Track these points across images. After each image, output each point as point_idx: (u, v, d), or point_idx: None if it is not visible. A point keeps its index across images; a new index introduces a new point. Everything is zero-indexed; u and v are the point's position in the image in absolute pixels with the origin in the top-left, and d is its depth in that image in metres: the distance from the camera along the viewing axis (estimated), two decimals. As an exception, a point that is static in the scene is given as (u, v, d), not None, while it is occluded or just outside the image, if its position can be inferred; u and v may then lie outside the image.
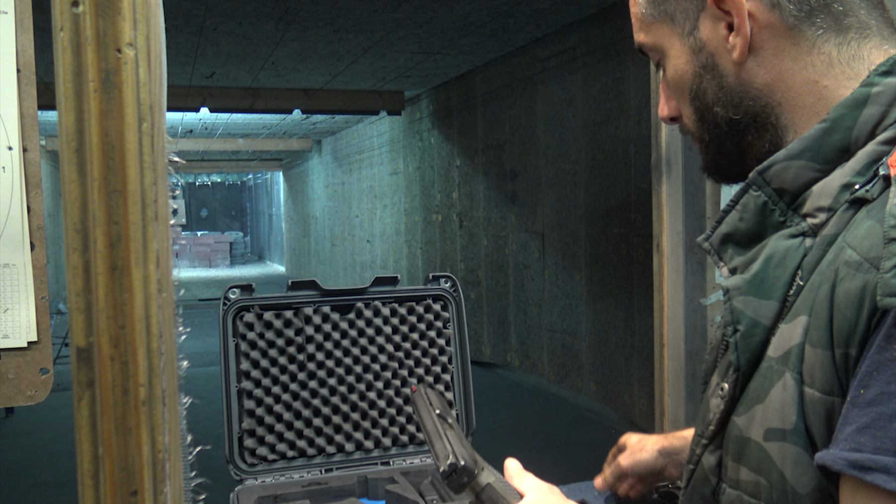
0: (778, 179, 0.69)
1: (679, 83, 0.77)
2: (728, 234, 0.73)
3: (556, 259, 5.27)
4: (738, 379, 0.69)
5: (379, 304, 1.49)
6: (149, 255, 0.46)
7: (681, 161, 2.02)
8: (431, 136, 7.40)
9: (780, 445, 0.64)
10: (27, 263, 1.31)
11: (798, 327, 0.64)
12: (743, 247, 0.72)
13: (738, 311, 0.69)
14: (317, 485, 1.36)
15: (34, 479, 4.21)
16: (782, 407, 0.64)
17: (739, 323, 0.68)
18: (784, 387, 0.64)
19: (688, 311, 2.05)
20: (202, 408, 2.75)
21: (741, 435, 0.68)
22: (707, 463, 0.72)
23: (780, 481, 0.64)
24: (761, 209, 0.70)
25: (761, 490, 0.65)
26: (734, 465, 0.69)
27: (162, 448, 0.48)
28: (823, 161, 0.68)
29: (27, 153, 1.32)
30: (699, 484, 0.73)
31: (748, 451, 0.67)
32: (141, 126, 0.45)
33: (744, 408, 0.68)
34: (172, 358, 0.53)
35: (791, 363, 0.64)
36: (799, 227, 0.68)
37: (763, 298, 0.68)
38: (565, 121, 5.06)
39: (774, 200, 0.70)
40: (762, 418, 0.66)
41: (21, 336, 1.30)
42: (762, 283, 0.68)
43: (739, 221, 0.72)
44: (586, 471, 1.77)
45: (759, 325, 0.68)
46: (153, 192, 0.46)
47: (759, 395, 0.66)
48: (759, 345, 0.68)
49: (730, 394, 0.70)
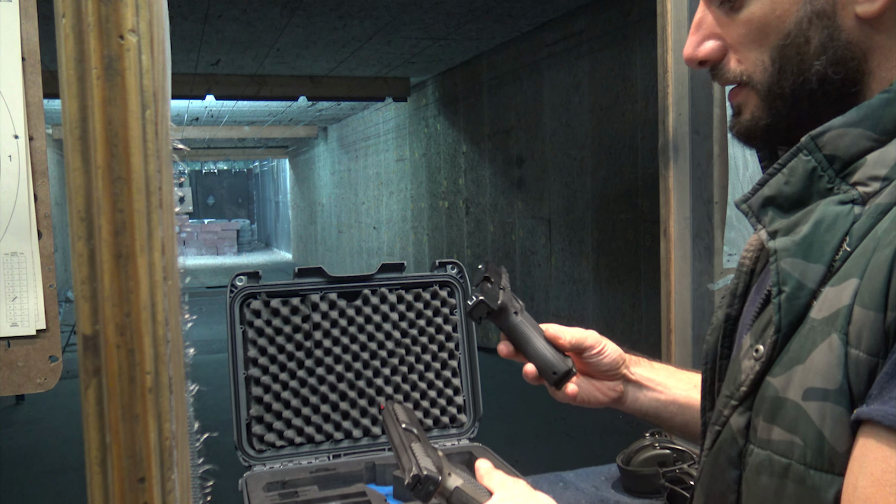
0: (831, 146, 0.69)
1: (769, 24, 0.72)
2: (771, 197, 0.73)
3: (562, 245, 5.27)
4: (778, 340, 0.69)
5: (385, 291, 1.49)
6: (154, 242, 0.46)
7: (688, 146, 2.01)
8: (437, 122, 7.37)
9: (820, 405, 0.64)
10: (35, 252, 1.32)
11: (848, 289, 0.64)
12: (785, 211, 0.72)
13: (784, 272, 0.69)
14: (325, 471, 1.37)
15: (45, 466, 4.25)
16: (827, 367, 0.64)
17: (785, 284, 0.69)
18: (830, 347, 0.64)
19: (695, 297, 2.05)
20: (210, 395, 2.77)
21: (777, 395, 0.68)
22: (735, 424, 0.72)
23: (817, 440, 0.64)
24: (809, 174, 0.70)
25: (794, 449, 0.66)
26: (766, 425, 0.69)
27: (169, 435, 0.48)
28: (882, 131, 0.68)
29: (33, 141, 1.32)
30: (726, 445, 0.73)
31: (784, 411, 0.67)
32: (144, 113, 0.44)
33: (781, 368, 0.68)
34: (179, 345, 0.53)
35: (838, 324, 0.64)
36: (848, 194, 0.69)
37: (811, 261, 0.68)
38: (572, 106, 5.03)
39: (824, 167, 0.70)
40: (802, 379, 0.66)
41: (30, 324, 1.31)
42: (811, 246, 0.69)
43: (785, 185, 0.72)
44: (593, 457, 1.78)
45: (804, 287, 0.68)
46: (157, 179, 0.46)
47: (800, 356, 0.67)
48: (802, 307, 0.68)
49: (767, 355, 0.70)
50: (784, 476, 0.66)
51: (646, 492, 1.47)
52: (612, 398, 1.10)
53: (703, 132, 1.99)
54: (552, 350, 1.06)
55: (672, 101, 1.99)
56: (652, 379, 1.11)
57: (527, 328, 1.07)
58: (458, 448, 1.46)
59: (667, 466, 1.47)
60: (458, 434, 1.50)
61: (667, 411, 1.09)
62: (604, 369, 1.09)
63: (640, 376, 1.10)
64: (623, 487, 1.51)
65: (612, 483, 1.54)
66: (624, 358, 1.10)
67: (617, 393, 1.09)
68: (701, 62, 0.78)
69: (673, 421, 1.09)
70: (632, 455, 1.53)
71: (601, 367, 1.08)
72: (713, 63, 0.77)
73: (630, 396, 1.10)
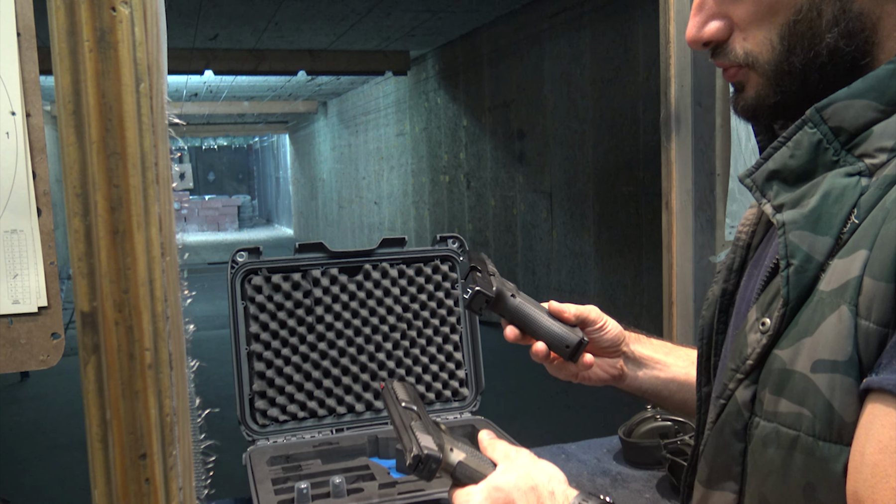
0: (837, 118, 0.69)
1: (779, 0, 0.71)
2: (776, 170, 0.72)
3: (564, 219, 5.25)
4: (786, 313, 0.69)
5: (387, 266, 1.49)
6: (150, 218, 0.46)
7: (690, 118, 1.99)
8: (437, 96, 7.33)
9: (829, 377, 0.64)
10: (35, 229, 1.31)
11: (857, 261, 0.64)
12: (790, 184, 0.72)
13: (793, 245, 0.69)
14: (328, 444, 1.38)
15: (50, 442, 4.28)
16: (836, 339, 0.64)
17: (794, 257, 0.68)
18: (839, 319, 0.64)
19: (697, 269, 2.05)
20: (214, 370, 2.79)
21: (784, 368, 0.68)
22: (741, 397, 0.72)
23: (826, 412, 0.64)
24: (815, 147, 0.70)
25: (803, 421, 0.66)
26: (773, 398, 0.69)
27: (170, 411, 0.48)
28: (888, 102, 0.67)
29: (30, 118, 1.31)
30: (731, 418, 0.74)
31: (791, 383, 0.67)
32: (139, 87, 0.44)
33: (788, 341, 0.68)
34: (178, 322, 0.52)
35: (847, 296, 0.64)
36: (855, 166, 0.68)
37: (819, 234, 0.68)
38: (573, 79, 5.00)
39: (829, 139, 0.69)
40: (810, 351, 0.66)
41: (31, 301, 1.30)
42: (819, 218, 0.68)
43: (790, 158, 0.71)
44: (595, 429, 1.79)
45: (812, 259, 0.68)
46: (153, 154, 0.46)
47: (808, 329, 0.67)
48: (810, 280, 0.68)
49: (774, 328, 0.70)
50: (792, 448, 0.67)
51: (647, 463, 1.48)
52: (612, 375, 1.09)
53: (705, 104, 1.97)
54: (560, 324, 1.06)
55: (674, 73, 1.97)
56: (651, 357, 1.10)
57: (529, 308, 1.07)
58: (460, 421, 1.46)
59: (668, 438, 1.48)
60: (460, 408, 1.51)
61: (666, 389, 1.09)
62: (605, 345, 1.08)
63: (640, 353, 1.10)
64: (625, 459, 1.52)
65: (613, 455, 1.55)
66: (624, 335, 1.10)
67: (617, 370, 1.09)
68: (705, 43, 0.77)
69: (672, 399, 1.09)
70: (633, 427, 1.53)
71: (603, 342, 1.08)
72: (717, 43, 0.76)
73: (630, 374, 1.10)
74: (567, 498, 0.78)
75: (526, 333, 1.07)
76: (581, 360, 1.05)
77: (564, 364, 1.08)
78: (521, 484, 0.81)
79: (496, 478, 0.83)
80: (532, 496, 0.80)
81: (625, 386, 1.11)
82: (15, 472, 3.87)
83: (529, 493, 0.80)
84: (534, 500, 0.80)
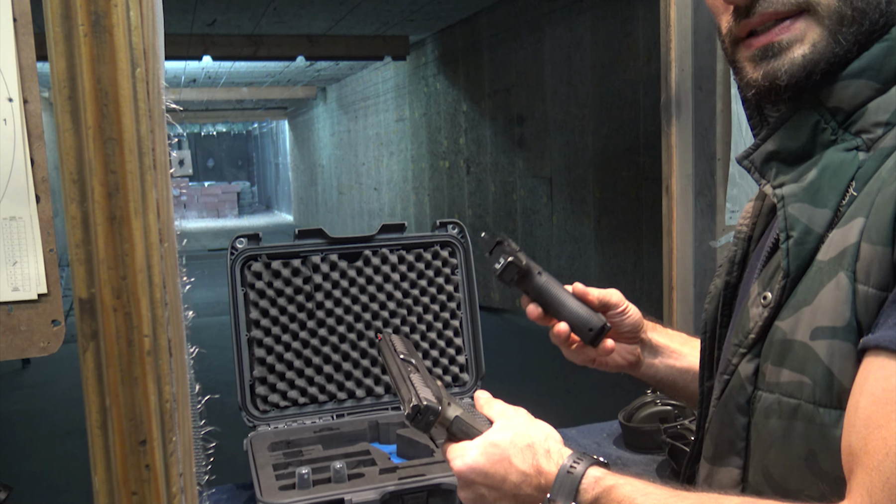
0: (835, 98, 0.69)
1: None
2: (774, 151, 0.73)
3: (564, 204, 5.25)
4: (787, 285, 0.69)
5: (386, 252, 1.49)
6: (148, 204, 0.45)
7: (691, 102, 1.99)
8: (437, 81, 7.30)
9: (828, 343, 0.65)
10: (34, 216, 1.31)
11: (854, 229, 0.65)
12: (789, 164, 0.72)
13: (792, 217, 0.69)
14: (329, 430, 1.38)
15: (52, 429, 4.30)
16: (835, 305, 0.65)
17: (793, 229, 0.69)
18: (837, 286, 0.65)
19: (697, 255, 2.04)
20: (215, 356, 2.78)
21: (785, 338, 0.69)
22: (744, 371, 0.73)
23: (825, 377, 0.65)
24: (813, 128, 0.71)
25: (803, 389, 0.67)
26: (774, 368, 0.70)
27: (169, 398, 0.48)
28: (884, 80, 0.68)
29: (28, 104, 1.30)
30: (734, 393, 0.74)
31: (792, 352, 0.68)
32: (134, 71, 0.43)
33: (788, 311, 0.69)
34: (177, 308, 0.52)
35: (846, 263, 0.65)
36: (852, 142, 0.69)
37: (817, 206, 0.69)
38: (573, 63, 4.97)
39: (827, 119, 0.70)
40: (810, 319, 0.67)
41: (31, 288, 1.30)
42: (818, 191, 0.69)
43: (789, 140, 0.72)
44: (595, 414, 1.79)
45: (811, 232, 0.68)
46: (150, 140, 0.45)
47: (807, 298, 0.67)
48: (810, 252, 0.68)
49: (775, 300, 0.70)
50: (793, 416, 0.67)
51: (647, 447, 1.49)
52: (629, 362, 1.08)
53: (706, 88, 1.96)
54: (584, 307, 1.04)
55: (675, 57, 1.96)
56: (668, 345, 1.09)
57: (555, 286, 1.05)
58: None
59: (668, 422, 1.48)
60: (460, 393, 1.51)
61: (682, 379, 1.08)
62: (625, 330, 1.07)
63: (657, 342, 1.09)
64: (625, 443, 1.53)
65: (613, 439, 1.56)
66: (644, 321, 1.09)
67: (634, 357, 1.08)
68: None
69: (686, 389, 1.08)
70: (633, 412, 1.54)
71: (623, 327, 1.06)
72: None
73: (646, 362, 1.08)
74: (562, 456, 0.78)
75: (548, 313, 1.05)
76: (602, 345, 1.04)
77: (583, 348, 1.06)
78: (518, 441, 0.81)
79: (493, 434, 0.83)
80: (528, 453, 0.80)
81: (640, 374, 1.09)
82: (17, 459, 3.89)
83: (526, 451, 0.80)
84: (530, 457, 0.80)
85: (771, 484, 0.70)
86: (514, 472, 0.80)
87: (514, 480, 0.79)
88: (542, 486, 0.78)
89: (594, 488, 0.74)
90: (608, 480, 0.74)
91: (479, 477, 0.81)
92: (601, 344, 1.03)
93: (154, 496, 0.47)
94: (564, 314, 1.04)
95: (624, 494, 0.72)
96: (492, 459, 0.81)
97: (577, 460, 0.77)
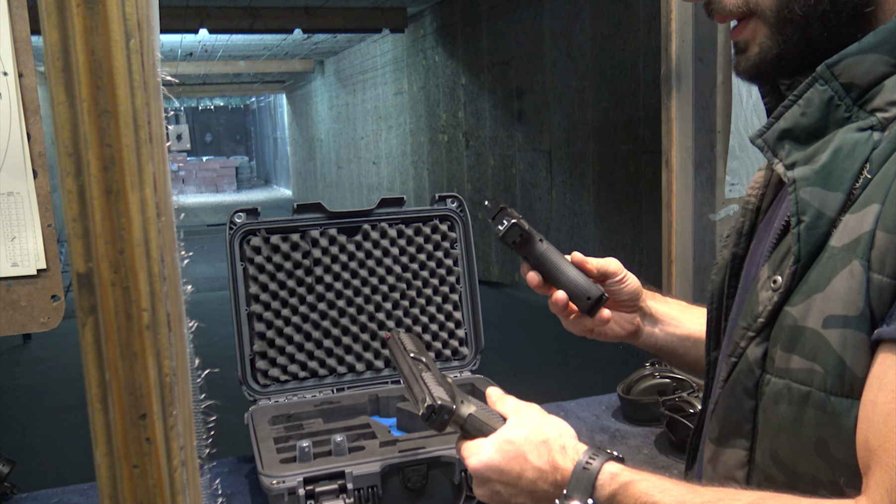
0: (848, 73, 0.68)
1: None
2: (787, 129, 0.72)
3: (563, 177, 5.23)
4: (797, 270, 0.69)
5: (385, 226, 1.49)
6: (144, 178, 0.45)
7: (691, 74, 1.97)
8: (436, 53, 7.24)
9: (841, 332, 0.64)
10: (31, 191, 1.30)
11: (869, 215, 0.64)
12: (802, 143, 0.71)
13: (804, 201, 0.68)
14: (329, 404, 1.39)
15: (55, 403, 4.33)
16: (848, 294, 0.64)
17: (805, 214, 0.68)
18: (851, 274, 0.64)
19: (696, 228, 2.04)
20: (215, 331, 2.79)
21: (796, 324, 0.68)
22: (752, 355, 0.73)
23: (837, 367, 0.65)
24: (826, 104, 0.69)
25: (814, 377, 0.66)
26: (784, 354, 0.69)
27: (169, 372, 0.48)
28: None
29: (23, 78, 1.29)
30: (742, 376, 0.74)
31: (803, 339, 0.67)
32: (128, 43, 0.43)
33: (800, 297, 0.69)
34: (176, 282, 0.52)
35: (860, 251, 0.64)
36: (867, 121, 0.68)
37: (830, 190, 0.68)
38: (573, 35, 4.93)
39: (841, 95, 0.69)
40: (822, 307, 0.66)
41: (30, 264, 1.30)
42: (830, 174, 0.68)
43: (801, 117, 0.71)
44: (593, 387, 1.80)
45: (823, 216, 0.68)
46: (145, 112, 0.45)
47: (819, 285, 0.67)
48: (821, 237, 0.68)
49: (785, 285, 0.70)
50: (803, 404, 0.67)
51: (646, 420, 1.50)
52: (628, 331, 1.08)
53: (706, 59, 1.95)
54: (583, 276, 1.04)
55: (675, 28, 1.94)
56: (667, 313, 1.09)
57: (555, 254, 1.05)
58: (460, 380, 1.47)
59: (666, 395, 1.49)
60: (460, 366, 1.52)
61: (682, 346, 1.08)
62: (624, 298, 1.07)
63: (657, 310, 1.09)
64: (623, 416, 1.54)
65: (612, 412, 1.57)
66: (642, 290, 1.08)
67: (634, 326, 1.08)
68: None
69: (687, 356, 1.08)
70: (632, 384, 1.55)
71: (622, 296, 1.07)
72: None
73: (646, 330, 1.08)
74: (577, 452, 0.79)
75: (547, 282, 1.05)
76: (598, 314, 1.04)
77: (581, 318, 1.06)
78: (533, 438, 0.81)
79: (507, 431, 0.83)
80: (543, 450, 0.80)
81: (640, 342, 1.09)
82: (20, 434, 3.91)
83: (541, 447, 0.80)
84: (545, 454, 0.80)
85: (780, 467, 0.70)
86: (530, 469, 0.80)
87: (530, 477, 0.80)
88: (558, 483, 0.78)
89: (611, 484, 0.74)
90: (625, 476, 0.74)
91: (494, 474, 0.81)
92: (598, 314, 1.03)
93: (155, 469, 0.47)
94: (563, 282, 1.04)
95: (641, 490, 0.72)
96: (507, 456, 0.81)
97: (593, 456, 0.77)
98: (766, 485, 0.72)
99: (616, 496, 0.73)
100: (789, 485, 0.69)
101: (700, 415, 0.90)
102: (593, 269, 1.05)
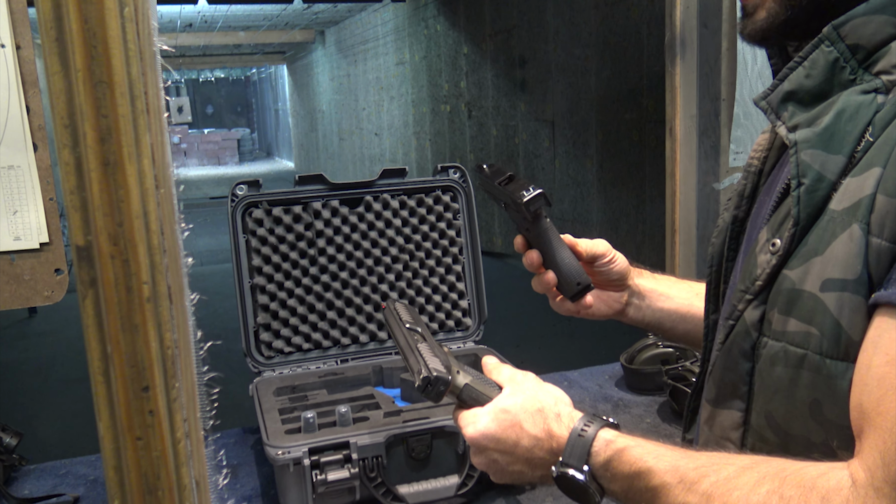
0: (854, 35, 0.67)
1: None
2: (791, 91, 0.71)
3: (566, 147, 5.20)
4: (796, 233, 0.69)
5: (388, 197, 1.48)
6: (142, 149, 0.44)
7: (696, 41, 1.95)
8: (437, 22, 7.17)
9: (838, 295, 0.64)
10: (32, 165, 1.30)
11: (870, 179, 0.64)
12: (805, 105, 0.71)
13: (804, 164, 0.68)
14: (333, 375, 1.39)
15: (62, 376, 4.36)
16: (846, 257, 0.64)
17: (805, 176, 0.68)
18: (850, 237, 0.64)
19: (700, 197, 2.03)
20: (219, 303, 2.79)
21: (793, 287, 0.68)
22: (750, 318, 0.73)
23: (833, 330, 0.65)
24: (831, 66, 0.69)
25: (810, 340, 0.66)
26: (781, 317, 0.69)
27: (171, 344, 0.48)
28: None
29: (21, 50, 1.28)
30: (739, 338, 0.74)
31: (800, 302, 0.68)
32: (122, 11, 0.42)
33: (798, 261, 0.68)
34: (176, 255, 0.52)
35: (860, 214, 0.64)
36: (871, 83, 0.67)
37: (831, 153, 0.67)
38: (575, 2, 4.87)
39: (846, 57, 0.68)
40: (820, 270, 0.66)
41: (33, 237, 1.30)
42: (832, 137, 0.68)
43: (806, 79, 0.70)
44: (597, 357, 1.81)
45: (824, 179, 0.67)
46: (141, 82, 0.44)
47: (818, 248, 0.67)
48: (821, 200, 0.67)
49: (784, 248, 0.70)
50: (799, 366, 0.67)
51: (649, 389, 1.50)
52: (615, 310, 1.09)
53: (711, 26, 1.92)
54: (576, 260, 1.05)
55: (680, -6, 1.91)
56: (654, 289, 1.10)
57: (554, 235, 1.05)
58: (463, 351, 1.48)
59: (669, 364, 1.49)
60: (463, 337, 1.52)
61: (669, 320, 1.09)
62: (613, 278, 1.08)
63: (644, 287, 1.10)
64: (626, 385, 1.54)
65: (615, 381, 1.57)
66: (630, 269, 1.09)
67: (621, 304, 1.09)
68: None
69: (675, 330, 1.09)
70: (635, 354, 1.55)
71: (611, 276, 1.07)
72: None
73: (633, 306, 1.09)
74: (573, 420, 0.79)
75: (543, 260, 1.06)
76: (581, 300, 1.05)
77: (565, 300, 1.08)
78: (528, 406, 0.82)
79: (503, 400, 0.84)
80: (539, 418, 0.81)
81: (628, 319, 1.11)
82: (27, 407, 3.95)
83: (536, 416, 0.81)
84: (540, 422, 0.80)
85: (774, 428, 0.71)
86: (526, 437, 0.80)
87: (526, 445, 0.80)
88: (553, 450, 0.78)
89: (606, 450, 0.75)
90: (619, 442, 0.75)
91: (491, 443, 0.82)
92: (581, 299, 1.05)
93: (159, 441, 0.47)
94: (556, 265, 1.04)
95: (635, 456, 0.72)
96: (503, 425, 0.82)
97: (588, 423, 0.77)
98: (760, 446, 0.72)
99: (611, 462, 0.74)
100: (783, 446, 0.70)
101: (699, 377, 0.90)
102: (582, 252, 1.06)
